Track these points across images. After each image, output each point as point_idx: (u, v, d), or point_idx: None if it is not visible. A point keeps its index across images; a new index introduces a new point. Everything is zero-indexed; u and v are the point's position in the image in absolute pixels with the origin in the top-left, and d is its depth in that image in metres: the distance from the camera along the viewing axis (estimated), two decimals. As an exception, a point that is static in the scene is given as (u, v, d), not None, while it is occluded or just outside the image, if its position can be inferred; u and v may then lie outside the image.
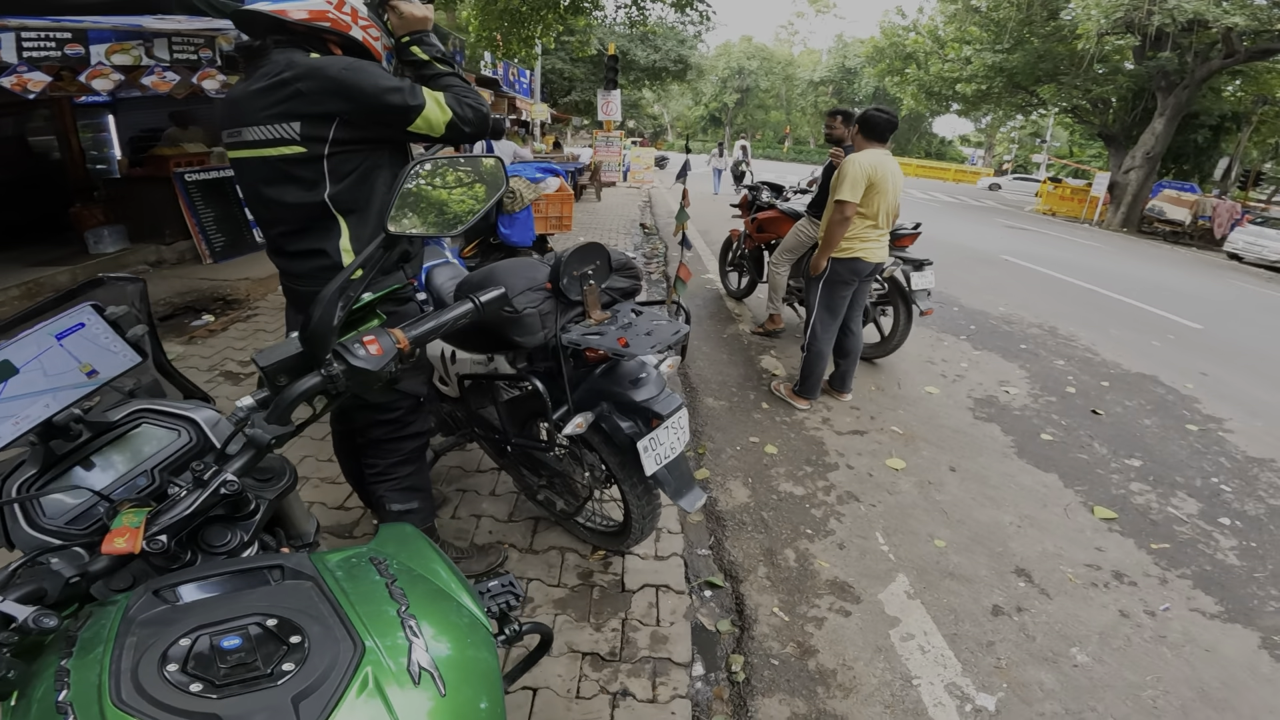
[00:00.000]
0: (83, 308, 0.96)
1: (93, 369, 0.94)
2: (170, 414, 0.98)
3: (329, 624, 0.65)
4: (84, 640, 0.66)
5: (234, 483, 0.79)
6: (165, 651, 0.61)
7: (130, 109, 7.40)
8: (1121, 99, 19.40)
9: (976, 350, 5.17)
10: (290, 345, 0.88)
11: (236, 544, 0.83)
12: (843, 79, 49.28)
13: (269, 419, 0.83)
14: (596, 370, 1.88)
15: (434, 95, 1.56)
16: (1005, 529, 2.79)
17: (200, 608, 0.68)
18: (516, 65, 14.30)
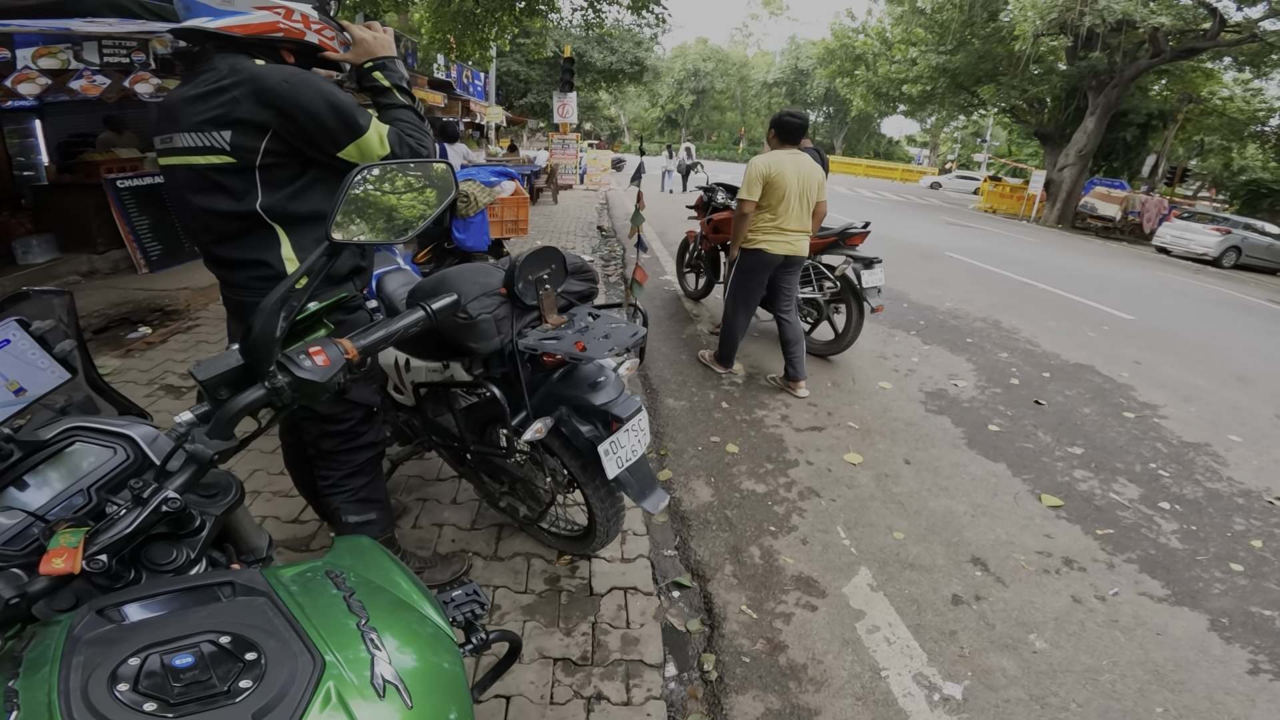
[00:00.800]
0: (7, 323, 0.92)
1: (20, 386, 0.92)
2: (105, 431, 0.94)
3: (285, 639, 0.64)
4: (29, 660, 0.63)
5: (176, 500, 0.77)
6: (114, 670, 0.59)
7: (59, 113, 7.05)
8: (1055, 99, 20.34)
9: (926, 345, 5.34)
10: (230, 357, 0.85)
11: (183, 561, 0.80)
12: (795, 80, 50.19)
13: (210, 434, 0.81)
14: (554, 375, 1.86)
15: (378, 126, 1.51)
16: (959, 518, 2.87)
17: (148, 626, 0.66)
18: (471, 68, 14.10)
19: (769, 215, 3.69)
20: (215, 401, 0.84)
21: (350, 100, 1.48)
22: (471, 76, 14.30)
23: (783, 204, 3.64)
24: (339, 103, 1.45)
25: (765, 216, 3.70)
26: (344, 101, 1.46)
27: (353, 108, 1.47)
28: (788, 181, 3.61)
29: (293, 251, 1.56)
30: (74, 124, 7.19)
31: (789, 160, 3.64)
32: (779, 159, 3.64)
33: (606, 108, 46.69)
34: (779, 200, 3.64)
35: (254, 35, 1.46)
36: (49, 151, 7.23)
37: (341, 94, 1.47)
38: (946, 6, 19.14)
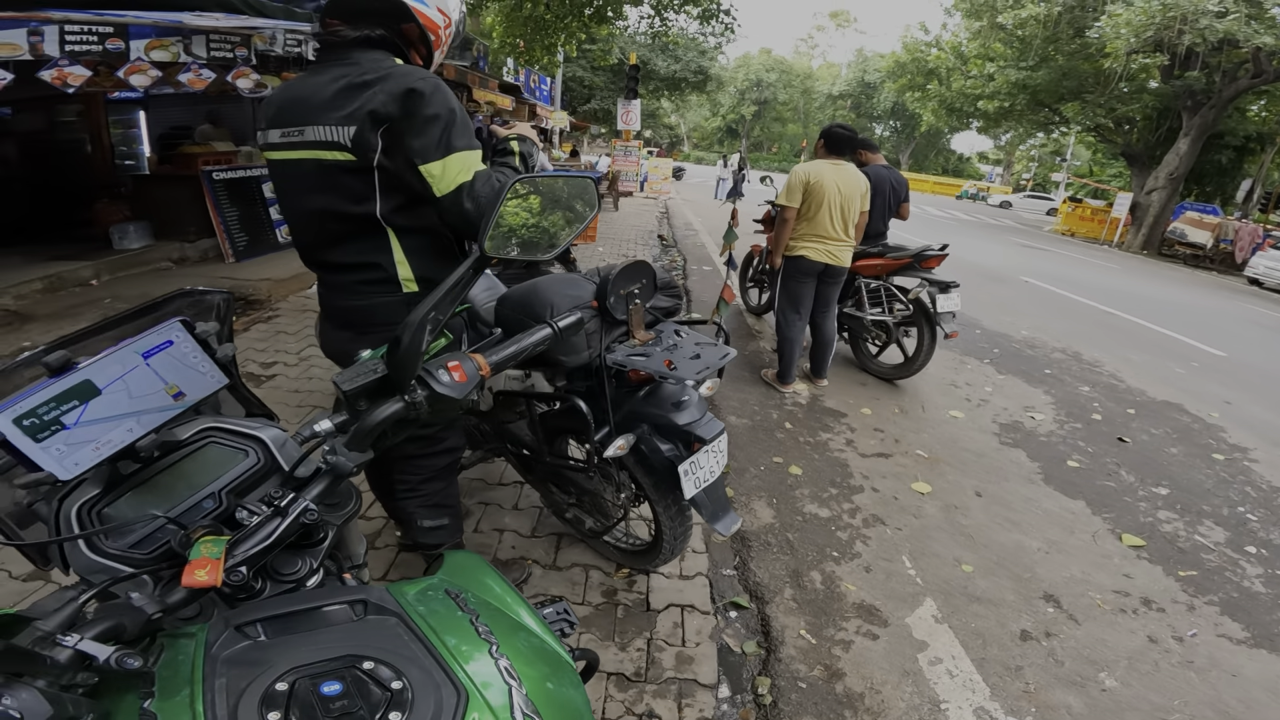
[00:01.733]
0: (172, 324, 0.89)
1: (179, 391, 0.88)
2: (238, 433, 0.93)
3: (426, 666, 0.62)
4: (164, 679, 0.61)
5: (313, 511, 0.76)
6: (262, 696, 0.57)
7: (161, 106, 7.48)
8: (1146, 118, 19.26)
9: (1000, 374, 5.12)
10: (372, 368, 0.83)
11: (305, 572, 0.79)
12: (861, 93, 49.25)
13: (350, 445, 0.79)
14: (638, 392, 1.84)
15: (474, 158, 1.42)
16: (1032, 554, 2.76)
17: (287, 646, 0.64)
18: (538, 72, 14.38)
19: (807, 223, 3.78)
20: (355, 412, 0.82)
21: (467, 122, 1.43)
22: (539, 81, 14.59)
23: (820, 212, 3.71)
24: (458, 115, 1.41)
25: (805, 225, 3.79)
26: (462, 117, 1.42)
27: (463, 126, 1.41)
28: (826, 191, 3.67)
29: (404, 256, 1.53)
30: (174, 116, 7.62)
31: (830, 170, 3.73)
32: (820, 168, 3.71)
33: (667, 116, 46.87)
34: (816, 209, 3.71)
35: (423, 25, 1.48)
36: (150, 142, 7.69)
37: (463, 113, 1.44)
38: (1029, 22, 18.38)
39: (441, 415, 0.85)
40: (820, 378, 4.36)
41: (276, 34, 5.01)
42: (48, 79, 3.92)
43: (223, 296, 1.07)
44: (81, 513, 0.81)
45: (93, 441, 0.78)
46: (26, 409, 0.73)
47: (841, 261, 3.88)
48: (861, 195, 3.84)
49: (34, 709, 0.51)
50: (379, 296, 1.55)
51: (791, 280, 3.98)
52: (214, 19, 4.80)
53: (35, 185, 6.79)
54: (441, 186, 1.38)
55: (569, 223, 1.01)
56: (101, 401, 0.79)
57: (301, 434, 0.84)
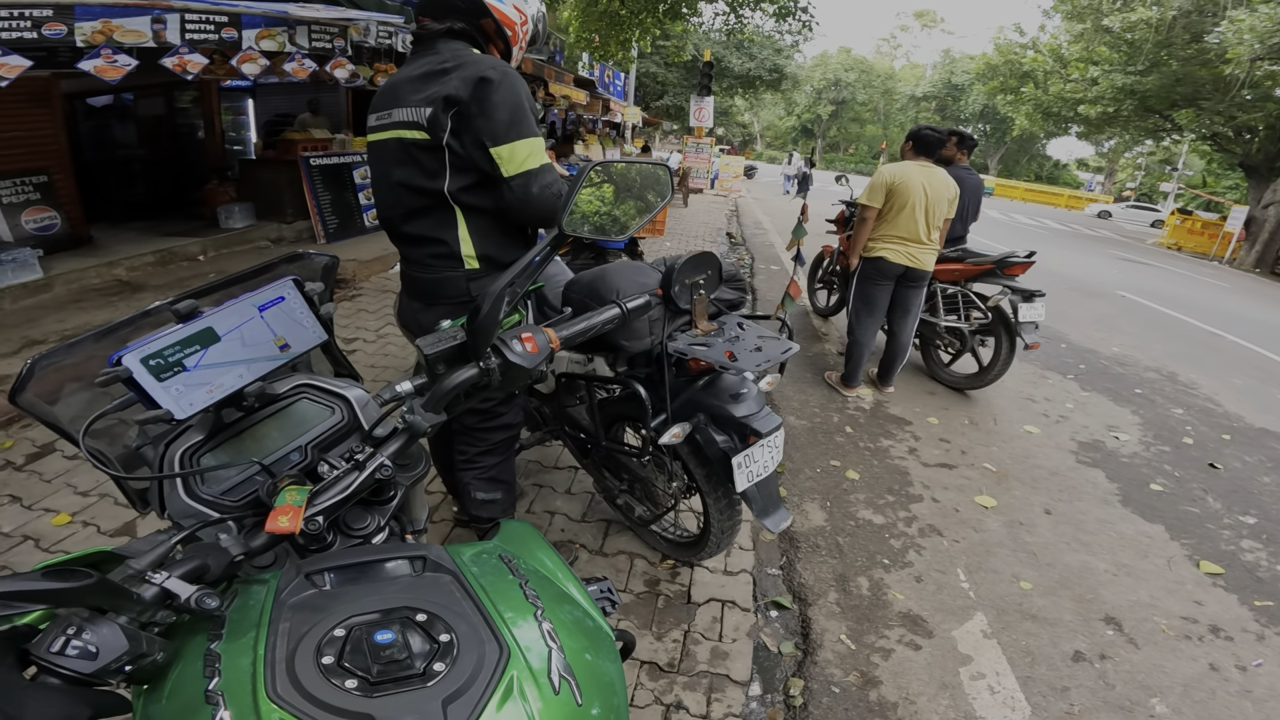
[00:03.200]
0: (285, 281, 0.95)
1: (286, 343, 0.94)
2: (328, 391, 0.98)
3: (474, 623, 0.64)
4: (233, 622, 0.64)
5: (388, 467, 0.79)
6: (320, 641, 0.59)
7: (267, 94, 7.99)
8: (1269, 128, 17.56)
9: (1084, 391, 4.82)
10: (453, 334, 0.88)
11: (374, 528, 0.83)
12: (948, 95, 47.13)
13: (426, 406, 0.83)
14: (698, 381, 1.85)
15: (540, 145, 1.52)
16: (1098, 576, 2.63)
17: (349, 595, 0.66)
18: (612, 67, 14.49)
19: (889, 225, 3.69)
20: (433, 376, 0.87)
21: (534, 112, 1.54)
22: (613, 76, 14.70)
23: (904, 214, 3.63)
24: (524, 104, 1.51)
25: (886, 226, 3.71)
26: (530, 106, 1.52)
27: (532, 115, 1.52)
28: (912, 192, 3.59)
29: (469, 234, 1.64)
30: (278, 105, 8.15)
31: (917, 172, 3.63)
32: (907, 170, 3.63)
33: (740, 114, 46.27)
34: (900, 210, 3.63)
35: (498, 20, 1.61)
36: (256, 129, 8.23)
37: (531, 104, 1.54)
38: (1139, 25, 17.07)
39: (512, 384, 0.89)
40: (887, 385, 4.25)
41: (370, 25, 5.26)
42: (169, 66, 4.21)
43: (329, 260, 1.15)
44: (185, 457, 0.88)
45: (208, 384, 0.84)
46: (154, 350, 0.79)
47: (923, 265, 3.75)
48: (950, 200, 3.72)
49: (111, 644, 0.54)
50: (444, 271, 1.68)
51: (867, 282, 3.89)
52: (315, 10, 5.07)
53: (154, 166, 7.43)
54: (510, 169, 1.49)
55: (640, 210, 1.04)
56: (219, 348, 0.85)
57: (382, 395, 0.89)
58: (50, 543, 2.25)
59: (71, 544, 2.27)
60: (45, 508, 2.47)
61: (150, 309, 0.93)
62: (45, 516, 2.42)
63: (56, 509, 2.47)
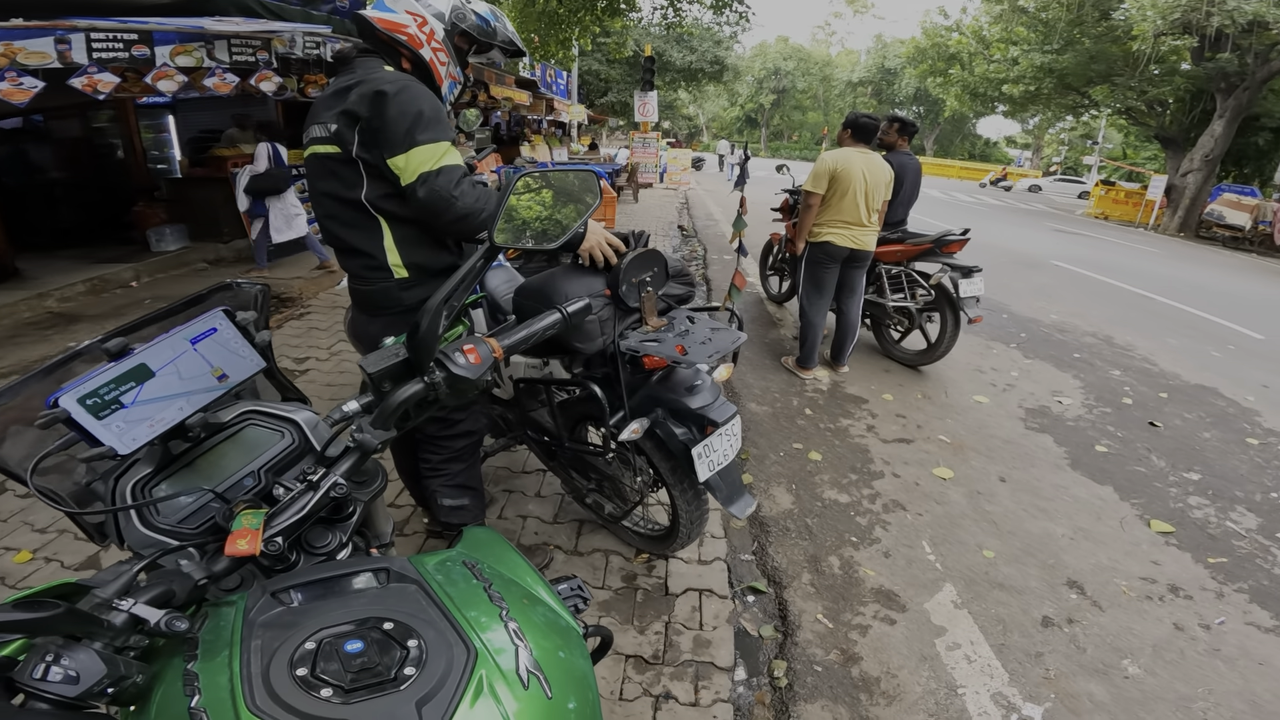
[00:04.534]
0: (215, 313, 0.96)
1: (223, 373, 0.95)
2: (275, 416, 0.99)
3: (440, 628, 0.66)
4: (206, 642, 0.66)
5: (342, 485, 0.81)
6: (292, 655, 0.61)
7: (189, 110, 7.67)
8: (1179, 100, 18.62)
9: (1028, 359, 5.04)
10: (395, 352, 0.89)
11: (335, 545, 0.84)
12: (882, 80, 48.42)
13: (374, 424, 0.84)
14: (652, 377, 1.88)
15: (441, 150, 1.52)
16: (1058, 541, 2.73)
17: (317, 610, 0.68)
18: (554, 66, 14.41)
19: (833, 210, 3.82)
20: (379, 393, 0.88)
21: (436, 118, 1.53)
22: (554, 75, 14.60)
23: (846, 199, 3.76)
24: (424, 111, 1.50)
25: (830, 211, 3.84)
26: (426, 114, 1.51)
27: (429, 123, 1.51)
28: (853, 178, 3.72)
29: (394, 243, 1.66)
30: (203, 120, 7.81)
31: (857, 158, 3.77)
32: (848, 156, 3.76)
33: (685, 107, 46.61)
34: (842, 195, 3.75)
35: (388, 31, 1.60)
36: (181, 146, 7.89)
37: (433, 111, 1.53)
38: (1052, 5, 17.85)
39: (460, 395, 0.90)
40: (841, 364, 4.38)
41: (295, 37, 5.12)
42: (79, 86, 4.05)
43: (259, 288, 1.16)
44: (135, 489, 0.89)
45: (148, 419, 0.85)
46: (89, 389, 0.80)
47: (866, 246, 3.92)
48: (886, 184, 3.88)
49: (90, 668, 0.56)
50: (378, 282, 1.70)
51: (816, 266, 4.02)
52: (234, 24, 4.93)
53: (76, 190, 7.02)
54: (405, 177, 1.52)
55: (578, 213, 1.06)
56: (155, 383, 0.87)
57: (332, 416, 0.90)
58: (16, 579, 2.19)
59: (36, 579, 2.20)
60: (5, 546, 2.39)
61: (80, 348, 0.93)
62: (6, 555, 2.34)
63: (17, 546, 2.39)
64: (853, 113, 3.93)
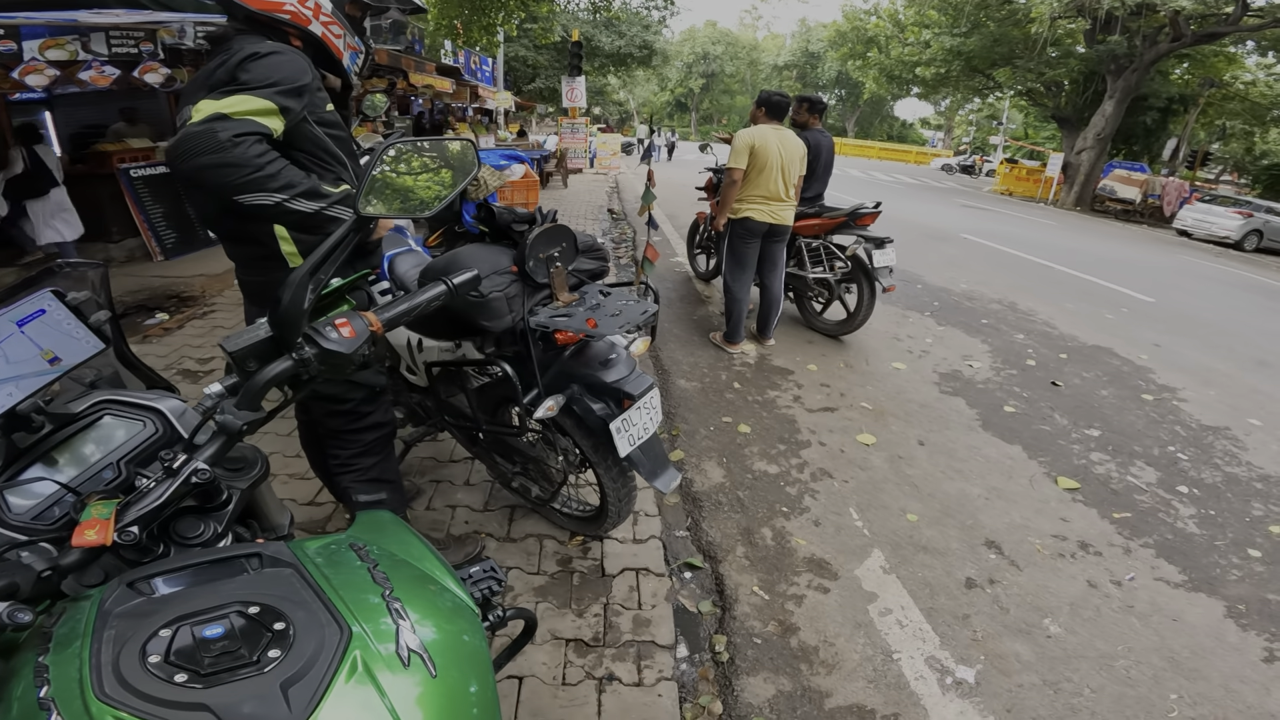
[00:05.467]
0: (43, 293, 0.92)
1: (55, 356, 0.91)
2: (134, 404, 0.95)
3: (312, 609, 0.64)
4: (60, 636, 0.64)
5: (205, 471, 0.77)
6: (145, 644, 0.59)
7: (70, 105, 7.05)
8: (1073, 82, 19.94)
9: (940, 326, 5.29)
10: (259, 330, 0.86)
11: (210, 535, 0.81)
12: (806, 63, 49.57)
13: (239, 405, 0.81)
14: (566, 352, 1.86)
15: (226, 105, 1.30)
16: (974, 501, 2.84)
17: (178, 599, 0.66)
18: (478, 53, 14.03)
19: (751, 186, 3.91)
20: (244, 373, 0.84)
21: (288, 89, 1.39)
22: (479, 62, 14.23)
23: (764, 174, 3.85)
24: (277, 81, 1.36)
25: (749, 187, 3.92)
26: (280, 82, 1.37)
27: (273, 84, 1.36)
28: (770, 153, 3.81)
29: (286, 229, 1.54)
30: (86, 115, 7.19)
31: (773, 134, 3.88)
32: (764, 132, 3.85)
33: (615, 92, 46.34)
34: (761, 170, 3.84)
35: (264, 11, 1.46)
36: (60, 142, 7.25)
37: (291, 82, 1.39)
38: (961, -13, 18.74)
39: (337, 371, 0.87)
40: (767, 337, 4.48)
41: (185, 27, 4.79)
42: (-64, 81, 3.67)
43: (95, 268, 1.09)
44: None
45: None
46: None
47: (785, 221, 4.02)
48: (800, 158, 3.98)
49: None
50: (273, 271, 1.57)
51: (738, 241, 4.11)
52: (114, 15, 4.57)
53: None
54: (198, 115, 1.31)
55: (454, 183, 1.03)
56: None
57: (203, 403, 0.86)
58: None
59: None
60: None
61: None
62: None
63: None
64: (764, 91, 4.03)
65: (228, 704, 0.54)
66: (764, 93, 4.00)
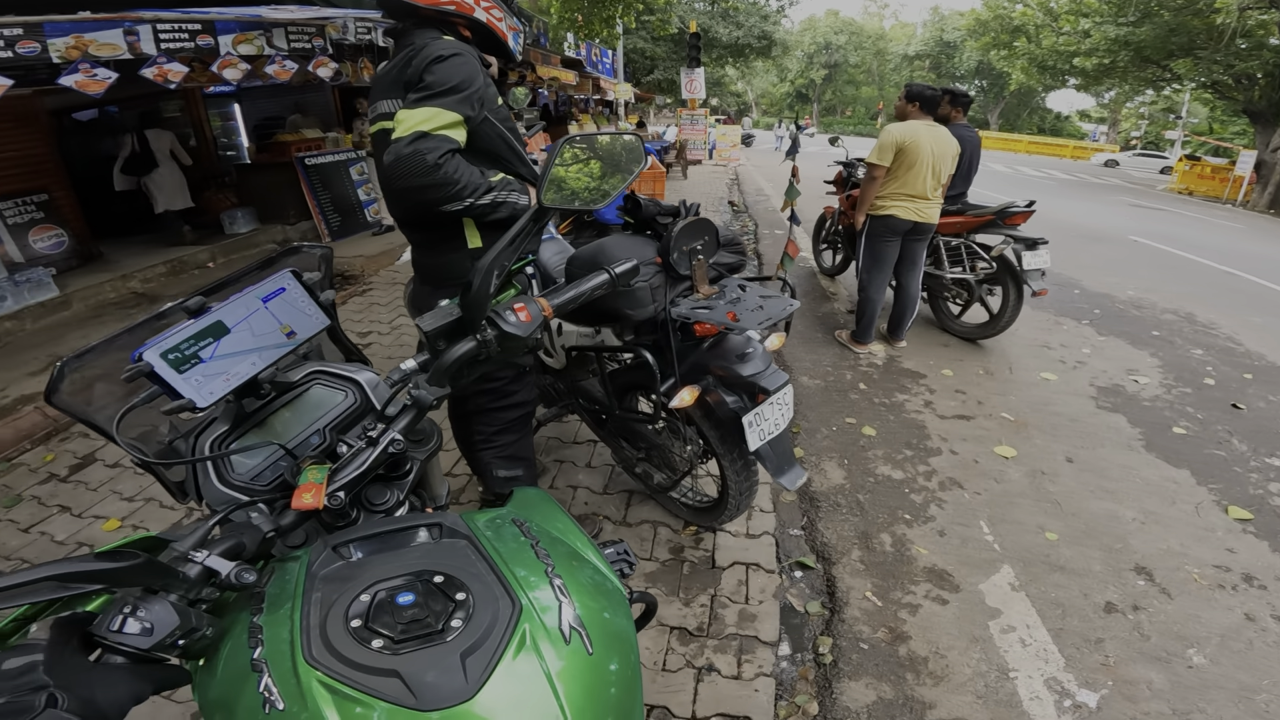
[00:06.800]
0: (284, 273, 1.00)
1: (291, 330, 0.99)
2: (339, 376, 1.03)
3: (487, 582, 0.68)
4: (271, 596, 0.69)
5: (400, 441, 0.83)
6: (347, 608, 0.63)
7: (252, 98, 7.96)
8: (1268, 75, 17.13)
9: (1100, 336, 4.77)
10: (450, 311, 0.92)
11: (393, 502, 0.87)
12: (940, 53, 46.35)
13: (430, 381, 0.87)
14: (703, 344, 1.86)
15: (430, 117, 1.45)
16: (1125, 524, 2.59)
17: (372, 564, 0.71)
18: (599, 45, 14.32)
19: (898, 183, 3.73)
20: (434, 351, 0.91)
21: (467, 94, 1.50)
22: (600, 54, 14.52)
23: (913, 172, 3.66)
24: (455, 85, 1.48)
25: (895, 184, 3.74)
26: (460, 86, 1.48)
27: (456, 93, 1.48)
28: (921, 150, 3.63)
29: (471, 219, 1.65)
30: (266, 108, 8.12)
31: (925, 130, 3.68)
32: (916, 129, 3.68)
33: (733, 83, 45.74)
34: (909, 168, 3.66)
35: (431, 5, 1.59)
36: (247, 133, 8.22)
37: (468, 85, 1.50)
38: (1127, -23, 16.69)
39: (511, 353, 0.92)
40: (899, 339, 4.27)
41: (347, 23, 5.24)
42: (150, 76, 4.22)
43: (324, 250, 1.20)
44: (213, 445, 0.94)
45: (224, 373, 0.89)
46: (171, 344, 0.84)
47: (930, 219, 3.82)
48: (953, 157, 3.77)
49: (164, 619, 0.60)
50: (448, 253, 1.71)
51: (877, 239, 3.93)
52: (289, 11, 5.06)
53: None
54: (400, 130, 1.47)
55: (623, 179, 1.07)
56: (230, 339, 0.91)
57: (391, 376, 0.94)
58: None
59: (126, 546, 2.35)
60: (95, 515, 2.54)
61: (163, 310, 0.97)
62: (95, 523, 2.48)
63: (106, 515, 2.52)
64: (913, 85, 3.82)
65: (415, 671, 0.57)
66: (914, 86, 3.82)
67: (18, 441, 3.13)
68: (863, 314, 4.11)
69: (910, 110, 3.80)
